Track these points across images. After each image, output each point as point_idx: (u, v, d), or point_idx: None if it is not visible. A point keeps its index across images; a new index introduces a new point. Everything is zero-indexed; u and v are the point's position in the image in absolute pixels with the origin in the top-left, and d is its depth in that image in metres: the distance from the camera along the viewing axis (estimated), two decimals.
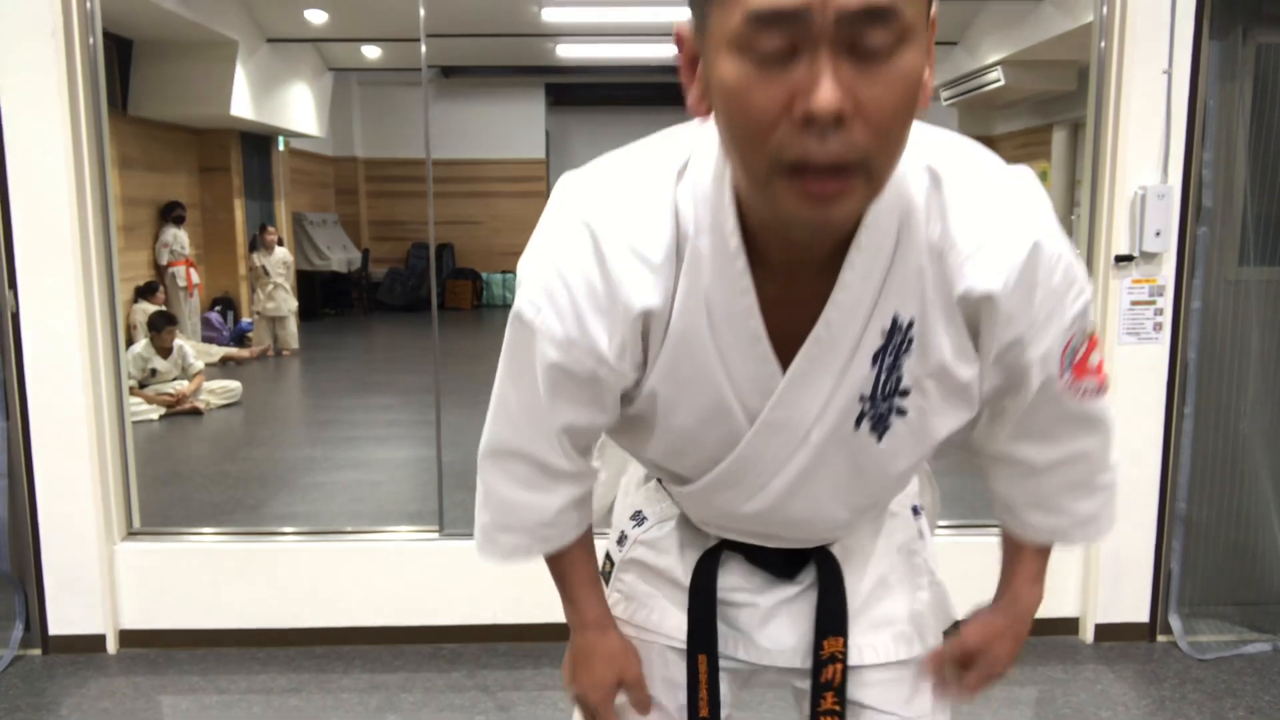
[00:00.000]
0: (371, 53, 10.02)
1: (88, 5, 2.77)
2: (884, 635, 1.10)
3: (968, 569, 1.31)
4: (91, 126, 2.82)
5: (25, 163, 2.74)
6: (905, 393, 0.88)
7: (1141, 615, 3.02)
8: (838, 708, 1.07)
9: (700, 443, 0.93)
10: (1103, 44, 2.83)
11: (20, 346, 2.81)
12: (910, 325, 0.84)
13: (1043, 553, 1.11)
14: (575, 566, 1.09)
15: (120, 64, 7.33)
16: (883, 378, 0.87)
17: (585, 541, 1.09)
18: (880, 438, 0.91)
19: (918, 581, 1.13)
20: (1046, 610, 0.93)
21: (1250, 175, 2.91)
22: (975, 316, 0.86)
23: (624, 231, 0.83)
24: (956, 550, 1.67)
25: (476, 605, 3.01)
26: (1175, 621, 3.01)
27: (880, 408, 0.89)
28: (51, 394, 2.83)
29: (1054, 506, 1.05)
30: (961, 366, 0.88)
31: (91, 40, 2.79)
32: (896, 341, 0.85)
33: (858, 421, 0.90)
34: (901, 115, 0.68)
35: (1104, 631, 3.01)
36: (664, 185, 0.83)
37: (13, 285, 2.78)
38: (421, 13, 3.12)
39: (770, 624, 1.09)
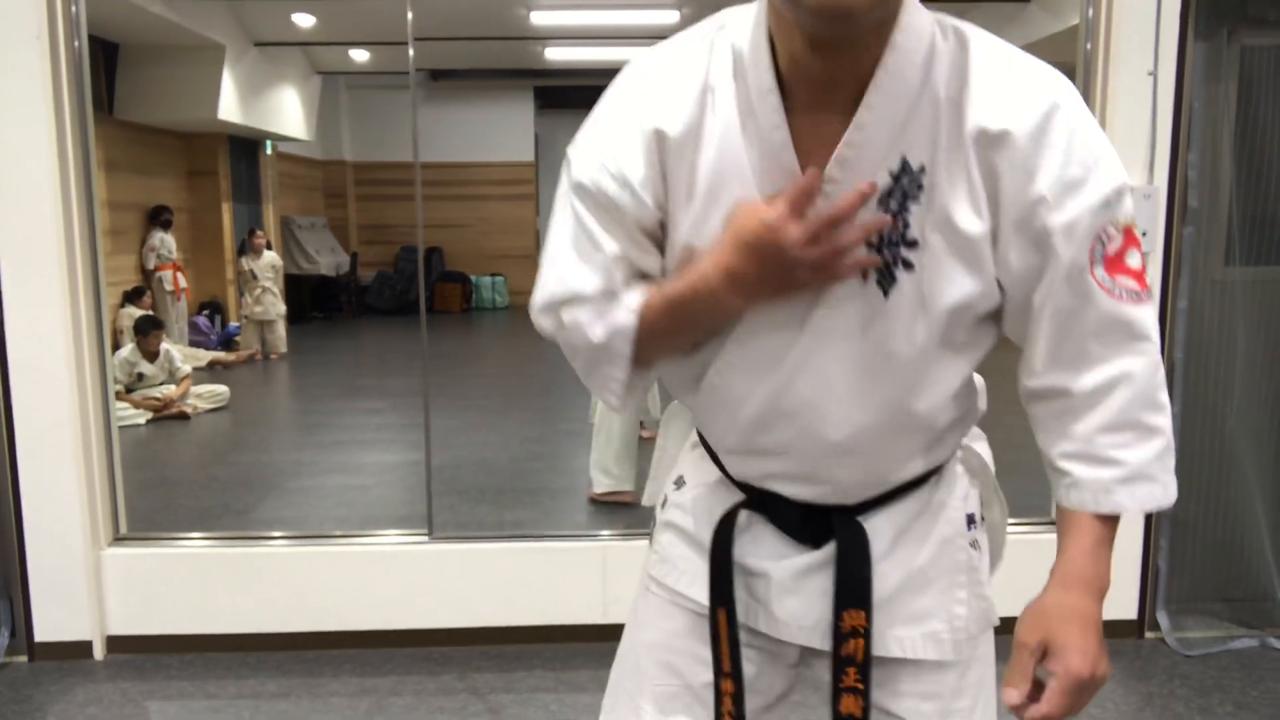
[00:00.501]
0: (360, 56, 10.01)
1: (72, 9, 2.75)
2: (915, 631, 1.03)
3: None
4: (76, 130, 2.81)
5: (9, 167, 2.72)
6: (912, 243, 0.87)
7: (1129, 612, 3.04)
8: (861, 686, 1.01)
9: None
10: (1089, 46, 2.84)
11: (4, 351, 2.79)
12: (921, 170, 0.85)
13: (1101, 521, 0.94)
14: (660, 298, 0.94)
15: (107, 67, 7.30)
16: (891, 223, 0.87)
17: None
18: (887, 293, 0.88)
19: (958, 580, 1.05)
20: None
21: (1236, 176, 2.93)
22: (992, 165, 0.85)
23: (661, 64, 0.93)
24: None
25: (466, 608, 3.00)
26: (1163, 618, 3.02)
27: (885, 256, 0.88)
28: (37, 399, 2.81)
29: (1097, 454, 0.92)
30: (970, 219, 0.86)
31: (77, 43, 2.78)
32: (905, 184, 0.86)
33: (865, 274, 0.89)
34: None
35: None
36: (702, 36, 0.93)
37: None
38: (409, 16, 3.11)
39: (790, 597, 1.04)
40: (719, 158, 0.89)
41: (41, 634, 2.91)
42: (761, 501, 1.05)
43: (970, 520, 1.07)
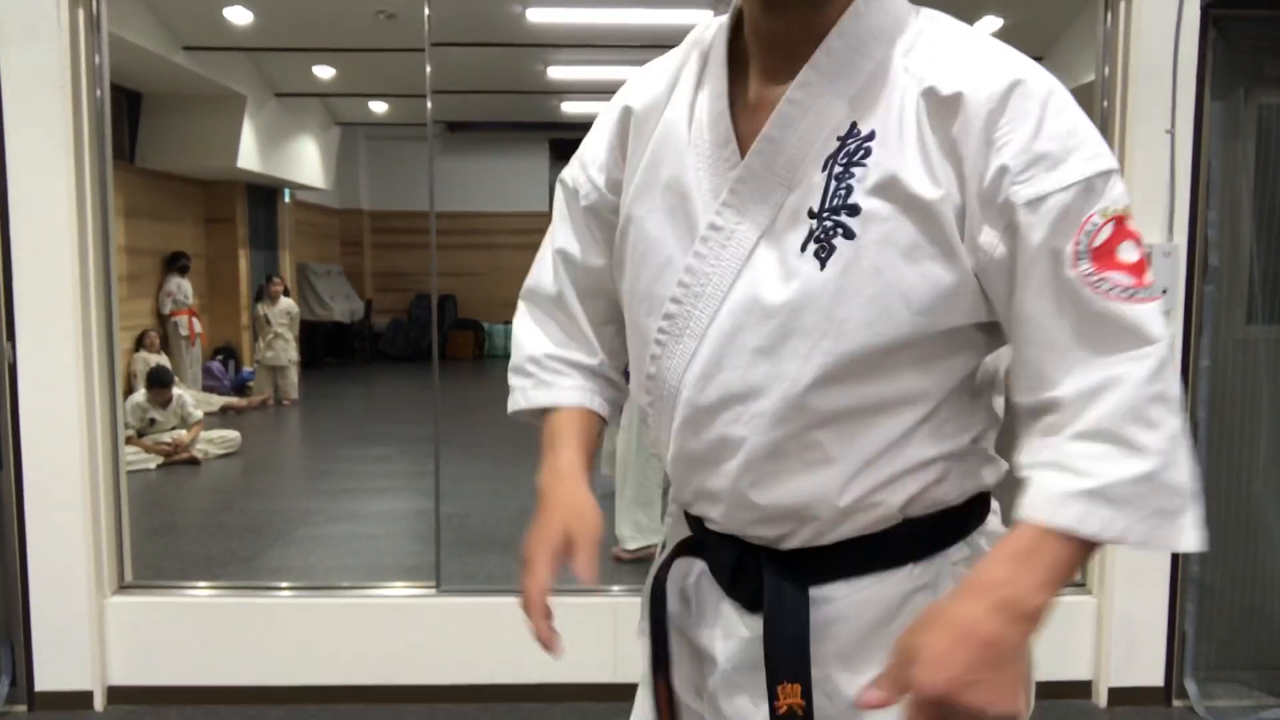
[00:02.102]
0: (378, 108, 10.17)
1: (96, 59, 2.79)
2: None
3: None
4: (96, 178, 2.83)
5: (29, 214, 2.74)
6: (854, 210, 0.79)
7: (1156, 679, 2.95)
8: None
9: (661, 257, 0.90)
10: (1105, 103, 2.85)
11: (16, 397, 2.78)
12: (870, 136, 0.80)
13: (1044, 533, 0.76)
14: (566, 424, 1.00)
15: (130, 116, 7.43)
16: (831, 187, 0.80)
17: (585, 416, 1.02)
18: (824, 264, 0.80)
19: None
20: (1058, 673, 0.79)
21: (1256, 234, 2.91)
22: (947, 133, 0.78)
23: (655, 62, 0.98)
24: None
25: (473, 665, 2.94)
26: (1191, 686, 2.93)
27: (825, 222, 0.80)
28: (46, 445, 2.80)
29: (1062, 462, 0.77)
30: (922, 182, 0.78)
31: (99, 93, 2.81)
32: (850, 148, 0.80)
33: (804, 244, 0.81)
34: None
35: (1118, 695, 2.93)
36: (697, 29, 0.96)
37: (11, 336, 2.76)
38: (428, 69, 3.15)
39: (738, 694, 0.92)
40: (667, 127, 0.91)
41: (42, 683, 2.86)
42: (701, 544, 0.97)
43: None
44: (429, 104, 3.27)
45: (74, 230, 2.76)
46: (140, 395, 6.12)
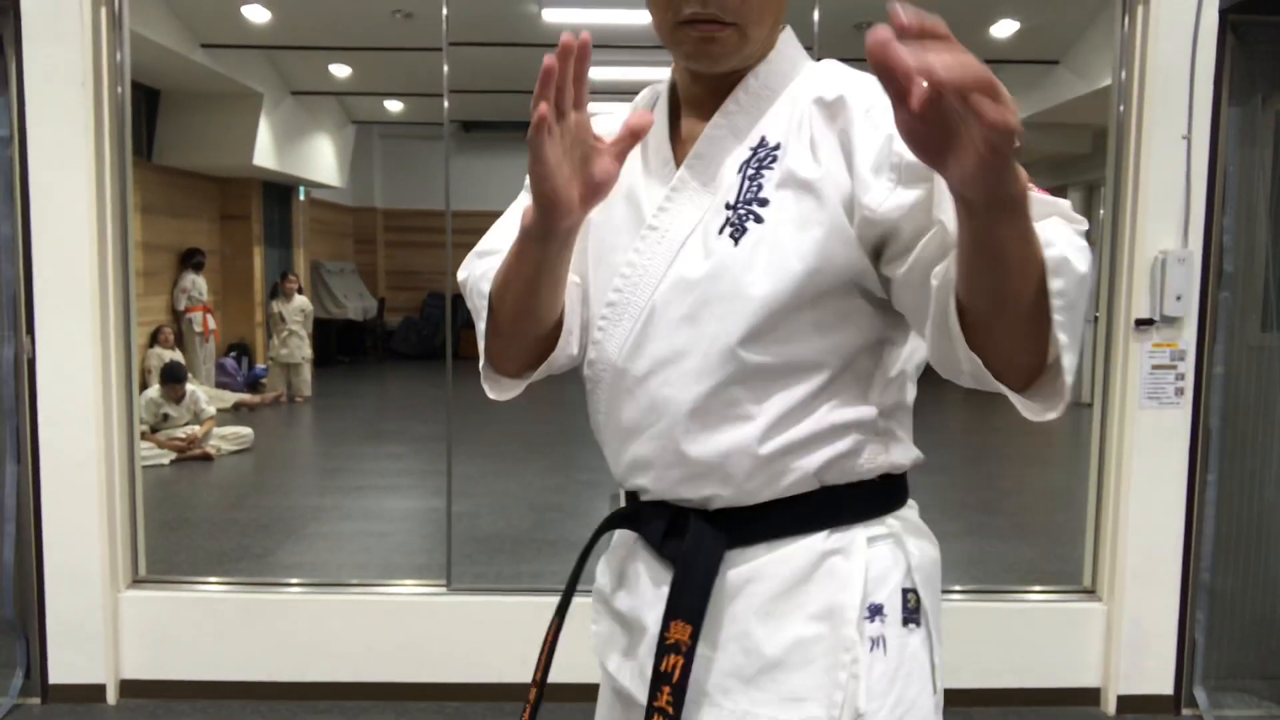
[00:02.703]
0: (394, 106, 10.20)
1: (117, 57, 2.82)
2: (793, 715, 0.93)
3: (978, 635, 1.23)
4: (115, 175, 2.86)
5: (50, 209, 2.77)
6: (764, 202, 0.96)
7: (1165, 687, 2.94)
8: (671, 710, 0.93)
9: (612, 250, 1.03)
10: (1121, 108, 2.84)
11: (35, 391, 2.81)
12: (777, 146, 0.97)
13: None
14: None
15: (148, 113, 7.48)
16: (745, 185, 0.97)
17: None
18: (737, 241, 0.95)
19: (841, 662, 0.93)
20: (1067, 679, 0.80)
21: (1272, 241, 2.89)
22: (841, 128, 0.92)
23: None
24: (970, 615, 1.62)
25: (482, 662, 2.95)
26: (1200, 694, 2.92)
27: (740, 211, 0.96)
28: (63, 439, 2.82)
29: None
30: (809, 168, 0.94)
31: (120, 90, 2.84)
32: (760, 155, 0.98)
33: (721, 229, 0.97)
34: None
35: (1127, 703, 2.92)
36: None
37: (31, 331, 2.79)
38: (445, 69, 3.16)
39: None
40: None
41: (56, 676, 2.89)
42: (636, 515, 1.05)
43: (875, 611, 0.96)
44: (445, 103, 3.28)
45: (94, 226, 2.78)
46: (154, 391, 6.16)
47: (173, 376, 6.24)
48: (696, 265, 0.97)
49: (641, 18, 1.05)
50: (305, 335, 8.72)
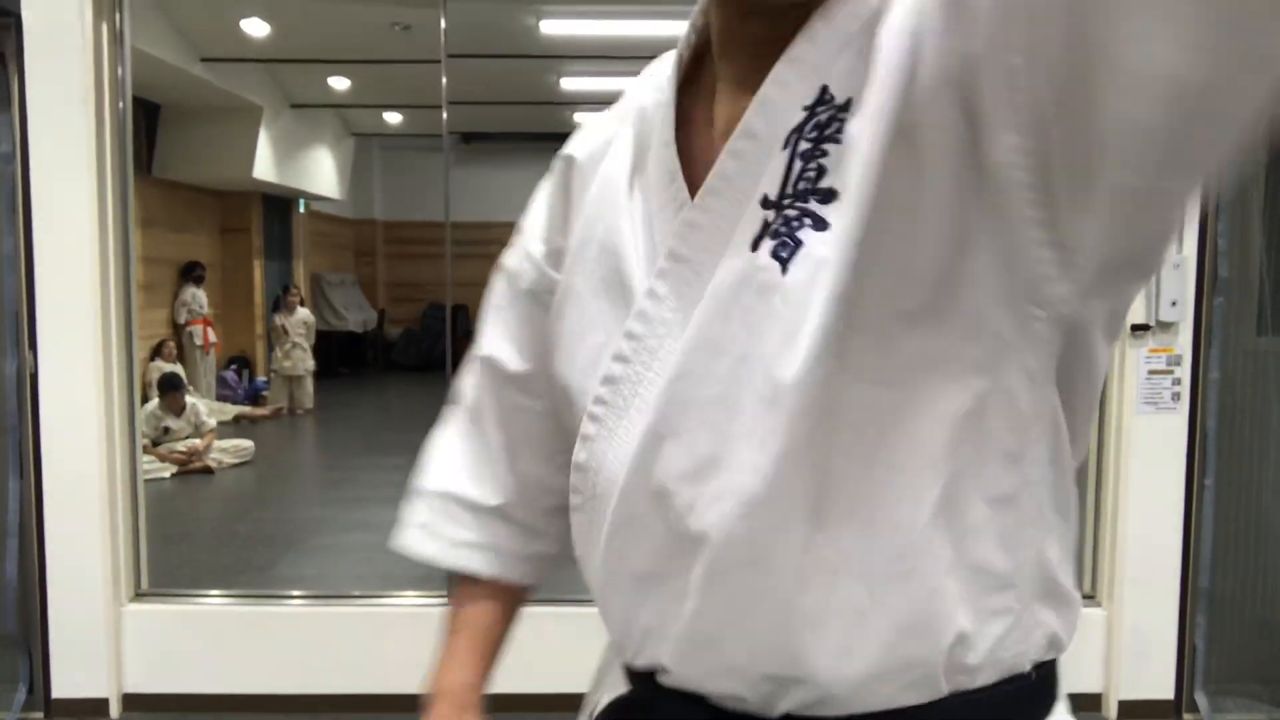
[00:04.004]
0: (393, 119, 10.24)
1: (119, 72, 2.84)
2: None
3: None
4: (117, 190, 2.87)
5: (52, 224, 2.78)
6: (828, 196, 0.57)
7: (1166, 692, 2.94)
8: None
9: (600, 332, 0.69)
10: None
11: (37, 405, 2.82)
12: (847, 105, 0.58)
13: None
14: (465, 615, 0.84)
15: (148, 127, 7.51)
16: (796, 169, 0.59)
17: (485, 602, 0.84)
18: (785, 266, 0.57)
19: None
20: (1067, 685, 0.77)
21: (1266, 246, 2.91)
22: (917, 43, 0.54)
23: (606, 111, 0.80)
24: None
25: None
26: (1201, 699, 2.92)
27: (786, 212, 0.58)
28: (66, 453, 2.83)
29: None
30: (893, 118, 0.54)
31: (121, 105, 2.86)
32: (821, 119, 0.59)
33: (755, 243, 0.59)
34: None
35: (1128, 708, 2.92)
36: (648, 71, 0.77)
37: (33, 345, 2.81)
38: (444, 81, 3.19)
39: None
40: (605, 179, 0.72)
41: (59, 690, 2.89)
42: (648, 703, 0.68)
43: None
44: (444, 115, 3.30)
45: (95, 240, 2.80)
46: (154, 404, 6.17)
47: (170, 385, 6.26)
48: (729, 320, 0.60)
49: (640, 29, 0.77)
50: (307, 348, 8.74)
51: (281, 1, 5.75)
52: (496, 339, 0.81)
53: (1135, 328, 2.84)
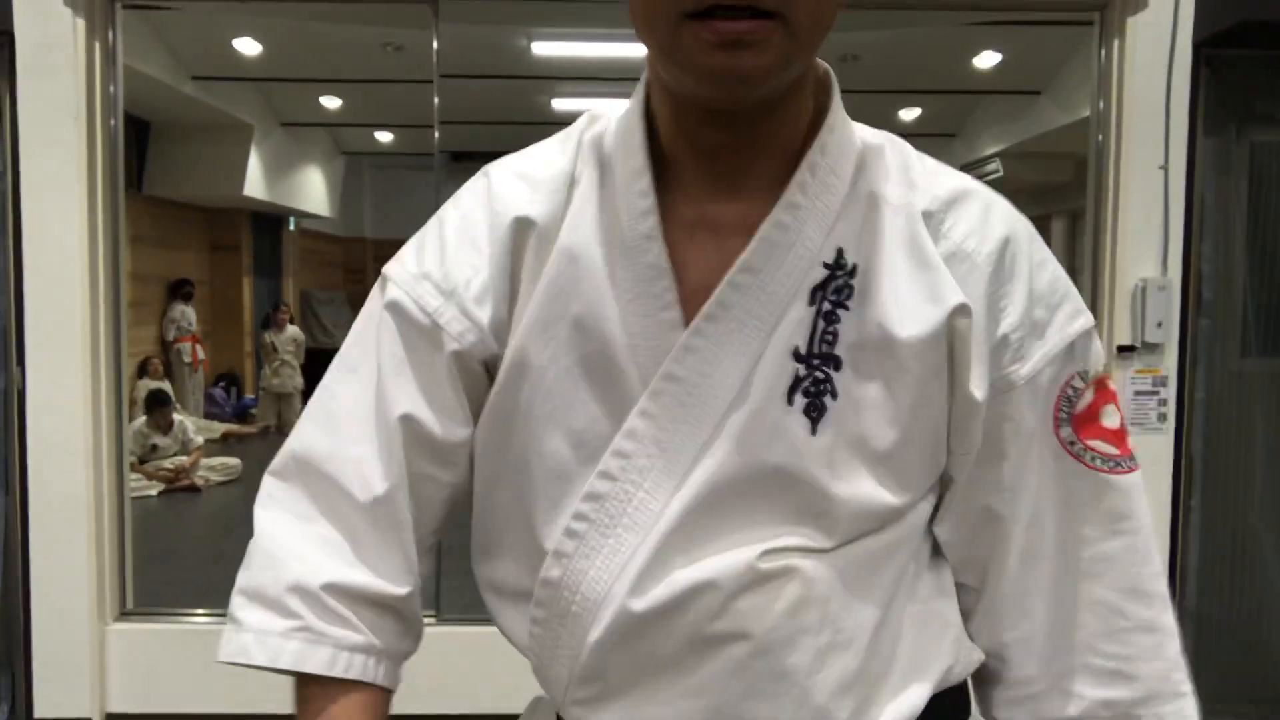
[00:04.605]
0: (384, 138, 10.26)
1: (110, 89, 2.84)
2: None
3: None
4: (107, 207, 2.87)
5: (42, 241, 2.78)
6: (838, 363, 0.65)
7: None
8: None
9: (578, 422, 0.68)
10: (1100, 138, 2.89)
11: (24, 422, 2.81)
12: (853, 271, 0.66)
13: None
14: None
15: (138, 144, 7.51)
16: (820, 327, 0.66)
17: (367, 703, 0.74)
18: (815, 425, 0.65)
19: None
20: None
21: (1249, 268, 2.94)
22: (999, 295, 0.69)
23: (516, 162, 0.75)
24: None
25: (473, 694, 2.93)
26: None
27: (816, 372, 0.65)
28: (52, 471, 2.82)
29: (1105, 665, 0.73)
30: (907, 325, 0.66)
31: (113, 122, 2.86)
32: (839, 282, 0.66)
33: (790, 394, 0.65)
34: None
35: None
36: (571, 131, 0.75)
37: (21, 362, 2.79)
38: (435, 101, 3.20)
39: None
40: (570, 250, 0.69)
41: (41, 710, 2.86)
42: None
43: None
44: (436, 134, 3.32)
45: (85, 257, 2.79)
46: (141, 421, 6.14)
47: (157, 401, 6.23)
48: (762, 450, 0.65)
49: (632, 51, 0.79)
50: (297, 365, 8.71)
51: (273, 21, 5.77)
52: (415, 398, 0.70)
53: (1122, 349, 2.86)
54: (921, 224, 0.67)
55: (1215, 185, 2.89)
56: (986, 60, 5.86)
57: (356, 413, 0.71)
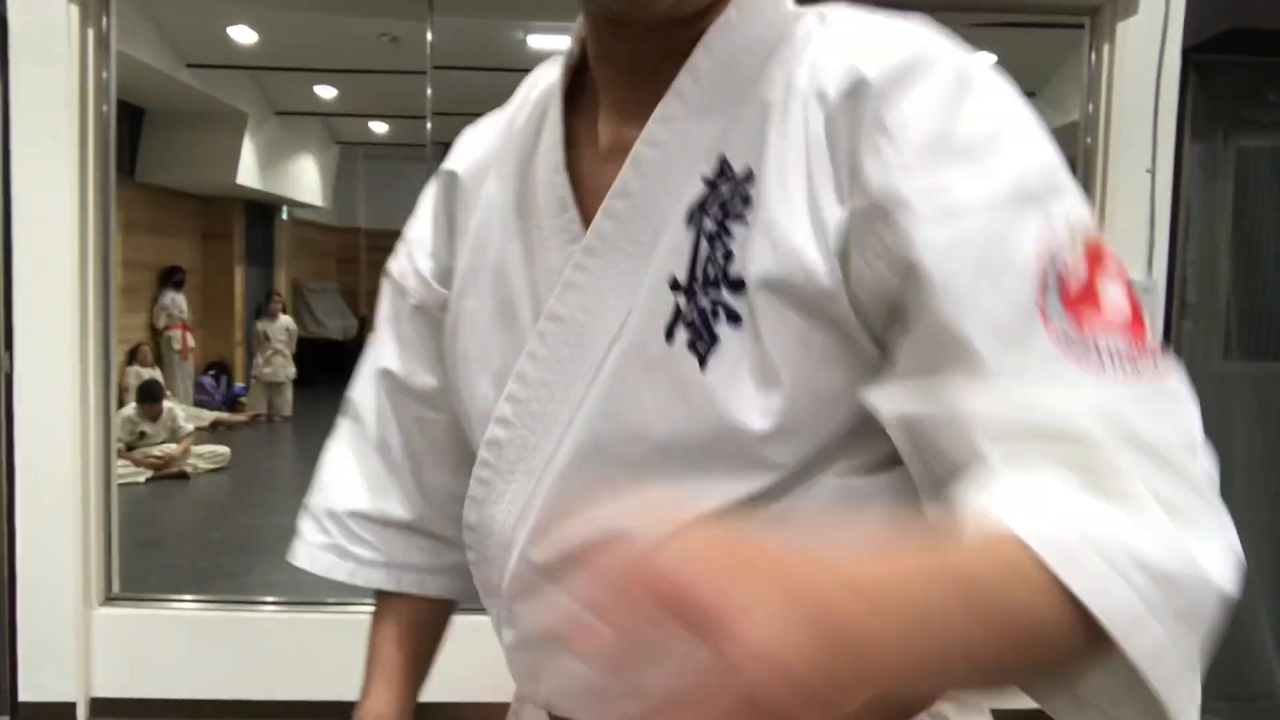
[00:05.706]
0: (378, 128, 10.25)
1: (103, 75, 2.84)
2: None
3: None
4: (99, 193, 2.87)
5: (32, 226, 2.78)
6: (736, 284, 0.56)
7: None
8: None
9: (490, 368, 0.67)
10: (1089, 140, 2.91)
11: (12, 407, 2.81)
12: (747, 177, 0.57)
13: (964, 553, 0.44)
14: (385, 636, 0.84)
15: (131, 131, 7.48)
16: (703, 251, 0.57)
17: (406, 616, 0.85)
18: (704, 360, 0.56)
19: None
20: (1025, 702, 0.69)
21: (1233, 272, 2.97)
22: (852, 146, 0.54)
23: (481, 122, 0.79)
24: None
25: (464, 682, 2.94)
26: None
27: (701, 302, 0.57)
28: (40, 456, 2.82)
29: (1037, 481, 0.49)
30: (809, 245, 0.54)
31: (105, 109, 2.86)
32: (724, 194, 0.57)
33: (670, 331, 0.58)
34: None
35: None
36: (526, 82, 0.75)
37: (9, 346, 2.80)
38: (429, 92, 3.21)
39: None
40: (490, 197, 0.70)
41: (25, 694, 2.87)
42: None
43: None
44: (429, 125, 3.32)
45: (76, 244, 2.79)
46: (130, 408, 6.13)
47: (149, 396, 6.22)
48: (644, 390, 0.59)
49: None
50: (289, 355, 8.71)
51: (269, 9, 5.76)
52: (393, 353, 0.80)
53: None
54: (818, 112, 0.56)
55: (1202, 189, 2.92)
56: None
57: (364, 368, 0.83)
